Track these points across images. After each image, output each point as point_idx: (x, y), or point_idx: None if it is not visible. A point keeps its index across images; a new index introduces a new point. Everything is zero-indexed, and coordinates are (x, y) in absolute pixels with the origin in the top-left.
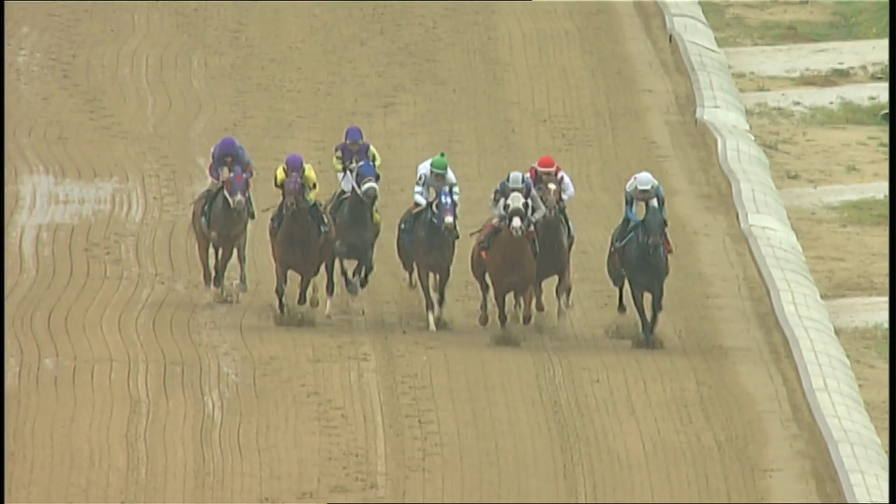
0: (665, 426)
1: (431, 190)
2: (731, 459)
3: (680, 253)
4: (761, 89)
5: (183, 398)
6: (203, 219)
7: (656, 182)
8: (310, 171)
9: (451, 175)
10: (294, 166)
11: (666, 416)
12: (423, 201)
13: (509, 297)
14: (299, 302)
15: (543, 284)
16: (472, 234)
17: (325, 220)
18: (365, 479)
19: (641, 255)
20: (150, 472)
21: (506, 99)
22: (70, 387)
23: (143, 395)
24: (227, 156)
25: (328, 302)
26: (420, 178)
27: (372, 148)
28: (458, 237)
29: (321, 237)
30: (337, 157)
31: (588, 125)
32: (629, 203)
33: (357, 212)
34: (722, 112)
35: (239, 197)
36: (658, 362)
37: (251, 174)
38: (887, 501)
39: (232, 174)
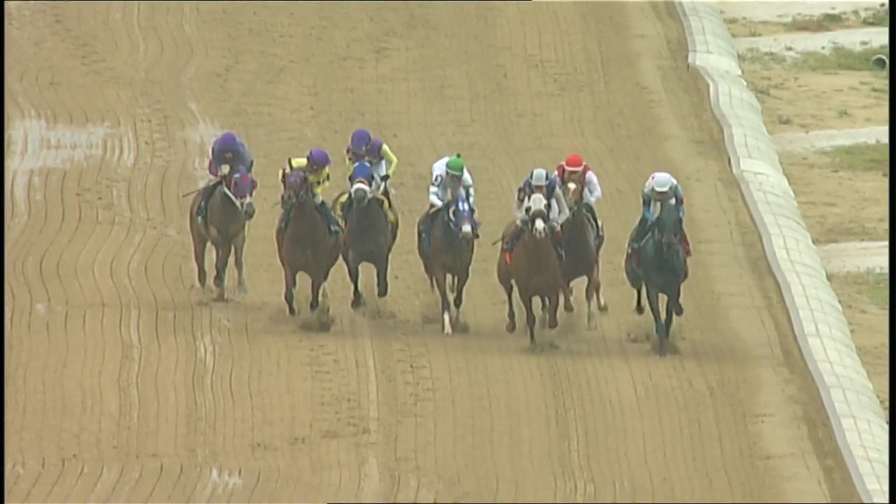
0: (657, 371)
1: (448, 191)
2: (722, 404)
3: None
4: (753, 34)
5: (175, 343)
6: (199, 217)
7: (675, 182)
8: (325, 170)
9: (467, 176)
10: (317, 160)
11: (658, 361)
12: (438, 202)
13: (536, 302)
14: (312, 307)
15: (573, 285)
16: (494, 244)
17: (336, 220)
18: (357, 424)
19: (657, 256)
20: (141, 417)
21: (497, 44)
22: (62, 332)
23: (134, 340)
24: (228, 151)
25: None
26: (436, 179)
27: (385, 146)
28: (476, 237)
29: (332, 237)
30: (349, 159)
31: (580, 70)
32: (647, 204)
33: (363, 216)
34: (714, 57)
35: (249, 199)
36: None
37: (249, 168)
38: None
39: (238, 174)
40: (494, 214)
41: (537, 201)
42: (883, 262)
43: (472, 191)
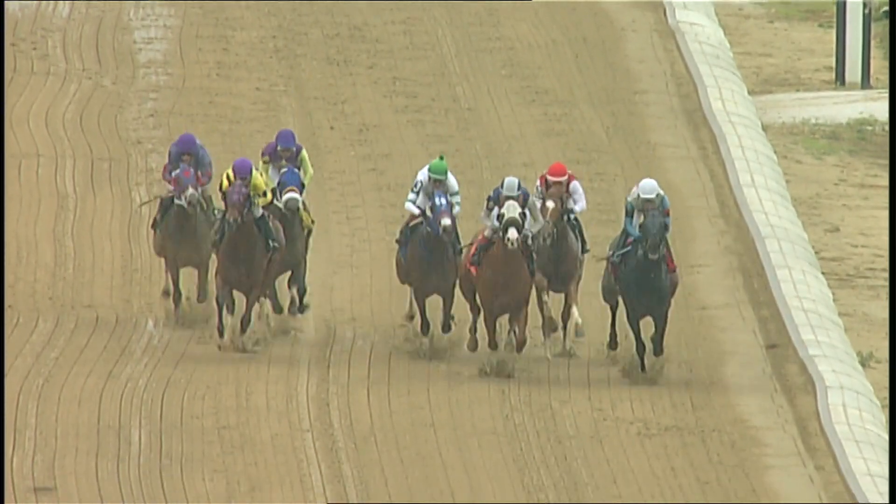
0: (590, 222)
1: (429, 198)
2: None
3: (607, 48)
4: None
5: (110, 194)
6: (157, 229)
7: (661, 191)
8: (258, 179)
9: (452, 181)
10: (241, 173)
11: (595, 215)
12: (416, 210)
13: (502, 322)
14: (242, 328)
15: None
16: (461, 248)
17: (274, 234)
18: None
19: (640, 272)
20: (77, 267)
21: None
22: None
23: (70, 190)
24: (186, 154)
25: (270, 318)
26: (415, 185)
27: (304, 153)
28: (459, 250)
29: (270, 252)
30: (264, 162)
31: None
32: (629, 215)
33: (283, 225)
34: None
35: (190, 191)
36: (586, 157)
37: (209, 178)
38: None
39: (178, 170)
40: None
41: (512, 208)
42: (818, 112)
43: (458, 199)
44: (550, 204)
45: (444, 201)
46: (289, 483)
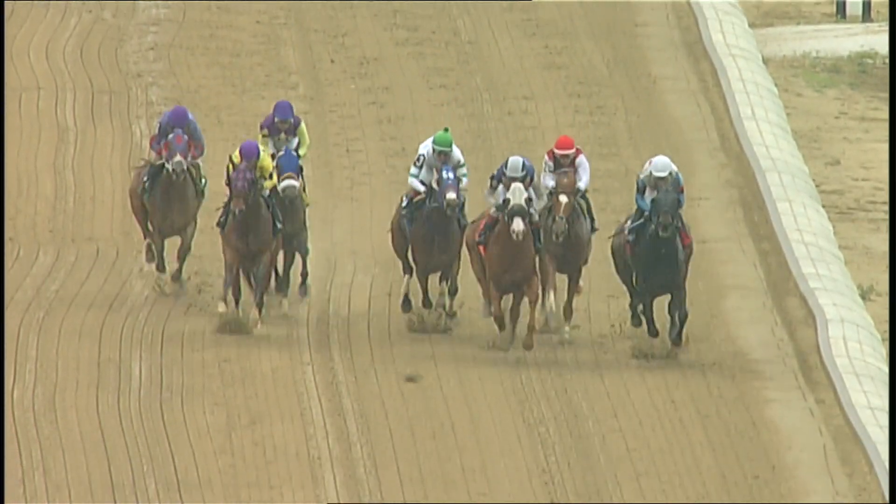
0: (591, 156)
1: (434, 173)
2: None
3: None
4: None
5: (111, 127)
6: (144, 196)
7: (675, 168)
8: (265, 160)
9: (457, 153)
10: (248, 155)
11: (595, 149)
12: (420, 186)
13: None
14: (257, 303)
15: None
16: (465, 225)
17: (281, 216)
18: None
19: (654, 250)
20: (77, 200)
21: None
22: None
23: (70, 123)
24: (177, 127)
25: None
26: (418, 159)
27: (302, 125)
28: (465, 225)
29: (275, 233)
30: (262, 136)
31: None
32: (641, 191)
33: (281, 211)
34: None
35: (178, 158)
36: (587, 90)
37: (201, 151)
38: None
39: (172, 135)
40: None
41: (517, 193)
42: (818, 45)
43: (464, 170)
44: (563, 199)
45: (450, 175)
46: (289, 416)
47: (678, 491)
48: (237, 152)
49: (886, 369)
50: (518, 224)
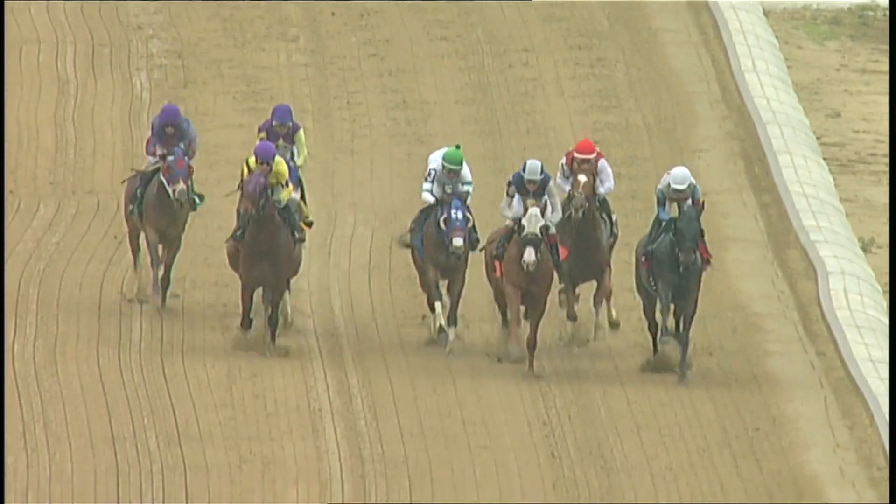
0: (592, 108)
1: (443, 189)
2: (659, 140)
3: None
4: None
5: (111, 80)
6: (132, 206)
7: (693, 180)
8: (281, 165)
9: (466, 172)
10: (264, 157)
11: (595, 102)
12: (431, 199)
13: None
14: (271, 332)
15: (580, 290)
16: (480, 249)
17: (300, 227)
18: None
19: (671, 261)
20: (78, 153)
21: None
22: None
23: (71, 76)
24: (169, 126)
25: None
26: (429, 174)
27: (301, 132)
28: (473, 249)
29: (295, 247)
30: (260, 139)
31: None
32: (661, 203)
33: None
34: None
35: (181, 186)
36: (587, 43)
37: (194, 152)
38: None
39: (172, 158)
40: None
41: (533, 220)
42: None
43: (470, 189)
44: (583, 178)
45: (460, 216)
46: (290, 369)
47: (678, 444)
48: (252, 157)
49: (887, 321)
50: (530, 254)
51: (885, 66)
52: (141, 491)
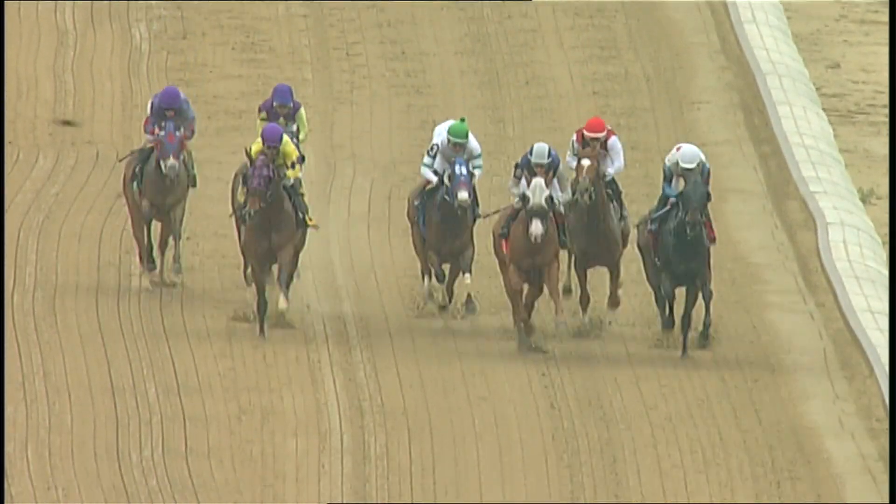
0: (591, 59)
1: (446, 162)
2: (659, 91)
3: None
4: None
5: (111, 31)
6: (134, 184)
7: (703, 157)
8: (288, 146)
9: (473, 144)
10: (270, 140)
11: (595, 52)
12: (432, 177)
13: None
14: (283, 290)
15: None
16: (485, 216)
17: (306, 209)
18: None
19: (679, 238)
20: (77, 103)
21: None
22: None
23: (70, 27)
24: (169, 109)
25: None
26: (431, 149)
27: (301, 111)
28: (477, 217)
29: (299, 227)
30: (261, 119)
31: None
32: (667, 179)
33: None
34: None
35: (172, 161)
36: None
37: (192, 133)
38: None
39: (163, 132)
40: None
41: (538, 191)
42: None
43: (479, 161)
44: (586, 162)
45: (464, 170)
46: (288, 320)
47: (678, 395)
48: (256, 142)
49: (886, 273)
50: (537, 227)
51: (885, 17)
52: (140, 441)
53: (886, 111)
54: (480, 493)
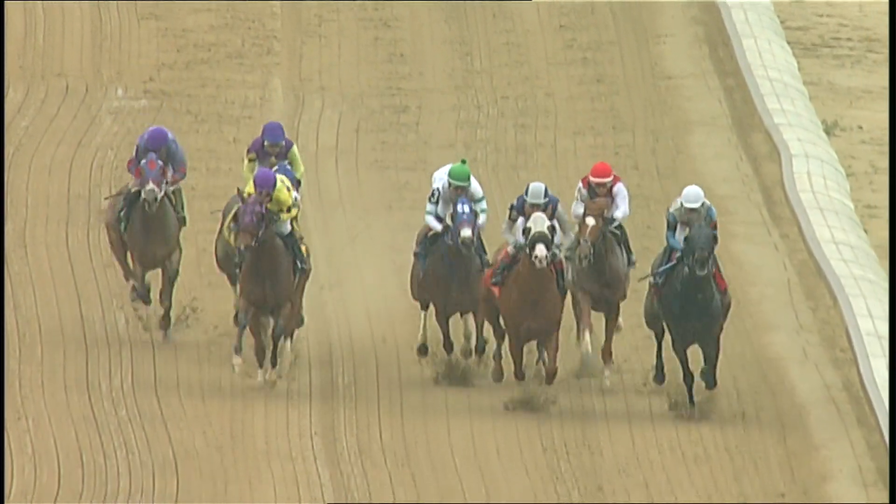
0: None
1: (450, 208)
2: (625, 24)
3: None
4: None
5: None
6: (121, 226)
7: (707, 200)
8: (281, 193)
9: (476, 187)
10: (263, 186)
11: (569, 9)
12: (437, 224)
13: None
14: (272, 362)
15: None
16: (486, 262)
17: (305, 254)
18: (261, 44)
19: (686, 291)
20: (47, 35)
21: None
22: None
23: None
24: (155, 150)
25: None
26: (433, 194)
27: (294, 149)
28: (486, 265)
29: (297, 274)
30: (249, 160)
31: None
32: (671, 228)
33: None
34: None
35: (151, 186)
36: None
37: (183, 175)
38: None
39: (144, 160)
40: None
41: (539, 221)
42: None
43: (483, 205)
44: (591, 221)
45: (466, 209)
46: None
47: (643, 326)
48: (249, 185)
49: (850, 204)
50: (541, 250)
51: None
52: (110, 372)
53: (850, 44)
54: None
